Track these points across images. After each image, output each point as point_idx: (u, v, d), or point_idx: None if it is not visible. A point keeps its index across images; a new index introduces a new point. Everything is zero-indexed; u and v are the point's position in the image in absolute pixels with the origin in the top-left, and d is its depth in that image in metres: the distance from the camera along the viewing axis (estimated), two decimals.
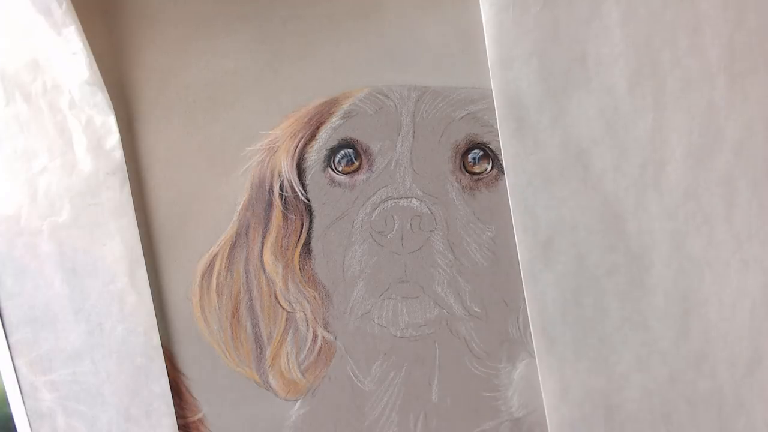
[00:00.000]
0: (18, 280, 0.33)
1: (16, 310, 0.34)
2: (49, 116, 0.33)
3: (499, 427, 0.39)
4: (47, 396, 0.34)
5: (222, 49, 0.35)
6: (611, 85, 0.38)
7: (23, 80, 0.32)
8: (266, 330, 0.37)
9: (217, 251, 0.36)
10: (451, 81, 0.38)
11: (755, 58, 0.39)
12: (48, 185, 0.33)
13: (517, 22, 0.37)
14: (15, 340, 0.34)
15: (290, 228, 0.37)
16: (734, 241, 0.40)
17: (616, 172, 0.38)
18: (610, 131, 0.38)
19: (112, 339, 0.34)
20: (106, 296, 0.34)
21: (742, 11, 0.39)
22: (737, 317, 0.40)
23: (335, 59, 0.37)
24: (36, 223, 0.33)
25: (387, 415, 0.39)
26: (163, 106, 0.35)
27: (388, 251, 0.37)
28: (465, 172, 0.38)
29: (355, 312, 0.38)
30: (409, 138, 0.38)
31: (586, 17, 0.37)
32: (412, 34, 0.37)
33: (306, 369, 0.38)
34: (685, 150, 0.39)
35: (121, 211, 0.34)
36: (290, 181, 0.37)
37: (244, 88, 0.36)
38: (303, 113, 0.37)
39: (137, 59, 0.34)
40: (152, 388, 0.35)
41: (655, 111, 0.39)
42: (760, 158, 0.40)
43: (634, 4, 0.38)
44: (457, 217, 0.38)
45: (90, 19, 0.33)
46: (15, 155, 0.33)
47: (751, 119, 0.39)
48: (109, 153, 0.33)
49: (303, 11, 0.36)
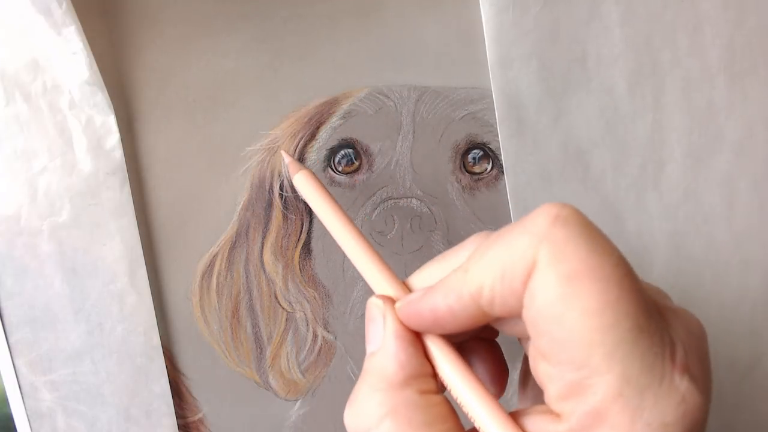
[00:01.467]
0: (18, 280, 0.33)
1: (16, 310, 0.33)
2: (49, 116, 0.33)
3: None
4: (47, 396, 0.34)
5: (222, 49, 0.35)
6: (611, 85, 0.38)
7: (23, 80, 0.32)
8: (266, 330, 0.37)
9: (217, 251, 0.36)
10: (451, 81, 0.38)
11: (755, 58, 0.39)
12: (48, 185, 0.33)
13: (517, 22, 0.37)
14: (15, 340, 0.34)
15: (290, 228, 0.37)
16: (734, 241, 0.40)
17: (616, 172, 0.38)
18: (610, 131, 0.38)
19: (112, 339, 0.34)
20: (106, 296, 0.34)
21: (742, 11, 0.39)
22: (737, 317, 0.40)
23: (335, 59, 0.37)
24: (36, 223, 0.33)
25: None
26: (163, 106, 0.35)
27: (389, 251, 0.37)
28: (465, 172, 0.38)
29: (355, 312, 0.38)
30: (409, 138, 0.38)
31: (586, 17, 0.37)
32: (412, 34, 0.37)
33: (306, 369, 0.38)
34: (685, 150, 0.39)
35: (121, 211, 0.34)
36: (290, 181, 0.37)
37: (244, 88, 0.36)
38: (303, 113, 0.37)
39: (137, 59, 0.34)
40: (152, 388, 0.35)
41: (655, 111, 0.39)
42: (760, 158, 0.40)
43: (634, 4, 0.38)
44: (457, 217, 0.38)
45: (90, 19, 0.33)
46: (15, 155, 0.33)
47: (751, 119, 0.39)
48: (109, 153, 0.33)
49: (303, 11, 0.36)
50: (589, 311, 0.18)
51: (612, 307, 0.18)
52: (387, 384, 0.22)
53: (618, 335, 0.18)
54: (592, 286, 0.19)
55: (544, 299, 0.19)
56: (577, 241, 0.19)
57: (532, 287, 0.19)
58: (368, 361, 0.23)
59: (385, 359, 0.22)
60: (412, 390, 0.22)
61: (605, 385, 0.18)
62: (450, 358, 0.23)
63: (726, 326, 0.39)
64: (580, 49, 0.37)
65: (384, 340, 0.23)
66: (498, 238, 0.20)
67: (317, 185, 0.31)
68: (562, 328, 0.19)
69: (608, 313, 0.18)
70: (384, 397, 0.22)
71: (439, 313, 0.22)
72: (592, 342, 0.18)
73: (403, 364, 0.22)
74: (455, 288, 0.21)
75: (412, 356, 0.22)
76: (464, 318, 0.21)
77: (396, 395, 0.22)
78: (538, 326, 0.19)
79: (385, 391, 0.22)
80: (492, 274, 0.20)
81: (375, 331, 0.23)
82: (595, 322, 0.18)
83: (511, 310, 0.20)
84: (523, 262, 0.19)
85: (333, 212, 0.29)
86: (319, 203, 0.30)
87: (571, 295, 0.19)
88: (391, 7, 0.37)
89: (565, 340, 0.19)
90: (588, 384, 0.19)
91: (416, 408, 0.21)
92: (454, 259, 0.23)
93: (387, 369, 0.22)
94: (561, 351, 0.19)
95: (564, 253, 0.19)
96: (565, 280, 0.19)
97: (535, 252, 0.19)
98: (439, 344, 0.23)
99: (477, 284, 0.20)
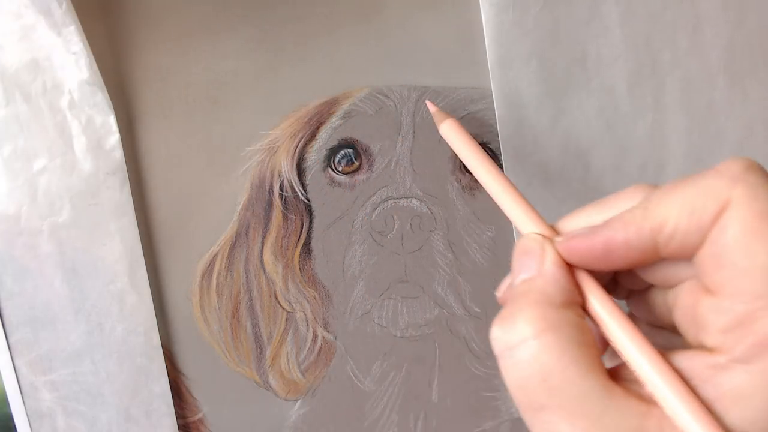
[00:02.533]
0: (18, 280, 0.33)
1: (16, 310, 0.34)
2: (49, 116, 0.33)
3: (499, 427, 0.39)
4: (47, 396, 0.34)
5: (222, 49, 0.35)
6: (611, 85, 0.38)
7: (23, 80, 0.32)
8: (266, 330, 0.37)
9: (217, 251, 0.36)
10: (451, 81, 0.38)
11: (755, 58, 0.39)
12: (48, 185, 0.33)
13: (517, 22, 0.37)
14: (15, 340, 0.34)
15: (290, 228, 0.37)
16: None
17: (616, 172, 0.38)
18: (610, 131, 0.38)
19: (112, 339, 0.34)
20: (106, 296, 0.34)
21: (742, 11, 0.39)
22: None
23: (335, 59, 0.37)
24: (36, 223, 0.33)
25: (387, 415, 0.39)
26: (163, 106, 0.35)
27: (388, 251, 0.37)
28: (465, 172, 0.38)
29: (355, 312, 0.38)
30: (409, 138, 0.38)
31: (586, 17, 0.37)
32: (412, 34, 0.37)
33: (306, 369, 0.38)
34: (685, 150, 0.39)
35: (121, 211, 0.34)
36: (290, 181, 0.37)
37: (244, 88, 0.36)
38: (303, 113, 0.37)
39: (137, 59, 0.34)
40: (152, 388, 0.35)
41: (655, 111, 0.39)
42: (760, 158, 0.40)
43: (634, 4, 0.38)
44: (457, 217, 0.38)
45: (90, 19, 0.33)
46: (15, 155, 0.33)
47: (751, 119, 0.39)
48: (109, 153, 0.33)
49: (303, 11, 0.36)
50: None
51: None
52: (547, 301, 0.22)
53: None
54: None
55: (736, 232, 0.20)
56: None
57: (724, 222, 0.20)
58: (522, 285, 0.24)
59: (543, 282, 0.23)
60: (571, 311, 0.22)
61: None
62: (602, 292, 0.23)
63: None
64: (580, 49, 0.37)
65: (544, 267, 0.23)
66: (685, 181, 0.22)
67: (463, 134, 0.32)
68: (748, 259, 0.20)
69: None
70: (545, 312, 0.22)
71: (613, 245, 0.22)
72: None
73: (564, 288, 0.23)
74: (635, 222, 0.22)
75: (571, 283, 0.23)
76: (636, 252, 0.22)
77: (556, 312, 0.22)
78: (721, 258, 0.20)
79: (545, 307, 0.22)
80: (679, 210, 0.21)
81: (529, 261, 0.24)
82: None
83: (686, 248, 0.21)
84: (716, 200, 0.21)
85: (479, 159, 0.30)
86: (465, 151, 0.31)
87: (763, 229, 0.20)
88: (392, 8, 0.37)
89: (750, 269, 0.20)
90: (760, 316, 0.20)
91: (576, 327, 0.22)
92: (607, 209, 0.24)
93: (548, 290, 0.23)
94: (741, 281, 0.20)
95: (758, 194, 0.20)
96: (759, 216, 0.20)
97: (730, 191, 0.20)
98: (592, 280, 0.24)
99: (660, 218, 0.21)
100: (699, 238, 0.21)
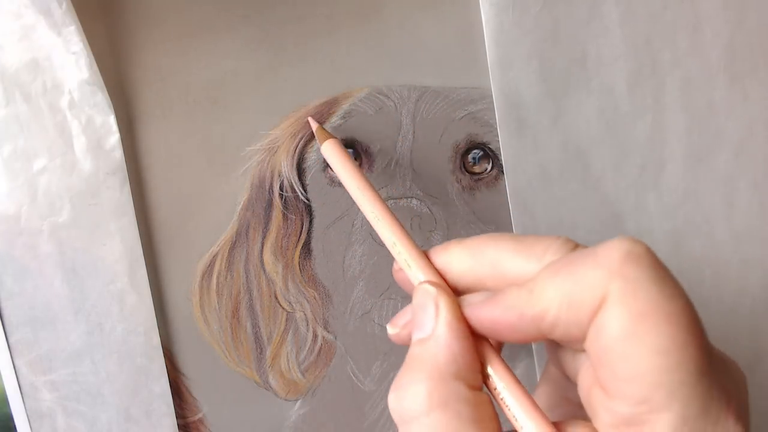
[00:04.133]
0: (18, 280, 0.33)
1: (16, 310, 0.33)
2: (49, 116, 0.33)
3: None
4: (47, 396, 0.34)
5: (222, 49, 0.35)
6: (611, 85, 0.38)
7: (23, 80, 0.32)
8: (266, 330, 0.37)
9: (217, 251, 0.36)
10: (451, 81, 0.38)
11: (755, 58, 0.39)
12: (48, 185, 0.33)
13: (517, 22, 0.37)
14: (15, 340, 0.34)
15: (290, 228, 0.37)
16: (734, 241, 0.40)
17: (615, 173, 0.38)
18: (610, 131, 0.38)
19: (112, 339, 0.34)
20: (106, 296, 0.34)
21: (742, 11, 0.39)
22: (737, 316, 0.40)
23: (335, 59, 0.37)
24: (36, 223, 0.33)
25: (387, 415, 0.39)
26: (163, 106, 0.35)
27: (388, 251, 0.37)
28: (465, 172, 0.38)
29: (355, 312, 0.38)
30: (409, 138, 0.38)
31: (586, 17, 0.37)
32: (412, 34, 0.37)
33: (306, 369, 0.38)
34: (685, 150, 0.39)
35: (121, 211, 0.34)
36: (290, 181, 0.37)
37: (244, 88, 0.36)
38: (303, 113, 0.37)
39: (137, 59, 0.34)
40: (152, 388, 0.35)
41: (655, 111, 0.39)
42: (760, 158, 0.40)
43: (634, 4, 0.38)
44: (457, 217, 0.38)
45: (90, 19, 0.33)
46: (15, 155, 0.33)
47: (751, 119, 0.40)
48: (109, 153, 0.33)
49: (303, 11, 0.36)
50: (657, 350, 0.19)
51: (679, 348, 0.19)
52: (438, 374, 0.21)
53: (681, 376, 0.19)
54: (661, 327, 0.19)
55: (613, 334, 0.19)
56: (648, 280, 0.20)
57: (601, 321, 0.20)
58: (417, 347, 0.23)
59: (436, 348, 0.22)
60: (462, 384, 0.22)
61: (663, 423, 0.19)
62: (500, 358, 0.23)
63: (726, 325, 0.39)
64: (580, 49, 0.37)
65: (436, 329, 0.22)
66: (569, 264, 0.21)
67: (344, 155, 0.31)
68: (627, 365, 0.19)
69: (674, 354, 0.19)
70: (434, 388, 0.21)
71: (498, 326, 0.22)
72: (656, 381, 0.19)
73: (456, 356, 0.22)
74: (518, 306, 0.21)
75: (465, 349, 0.22)
76: (521, 334, 0.22)
77: (446, 387, 0.21)
78: (601, 359, 0.20)
79: (435, 380, 0.21)
80: (559, 300, 0.20)
81: (425, 319, 0.23)
82: (661, 361, 0.19)
83: (571, 338, 0.21)
84: (592, 295, 0.20)
85: (358, 183, 0.29)
86: (344, 172, 0.31)
87: (640, 332, 0.19)
88: (391, 8, 0.37)
89: (629, 376, 0.19)
90: (645, 419, 0.19)
91: (466, 403, 0.21)
92: (510, 253, 0.23)
93: (438, 358, 0.22)
94: (622, 385, 0.19)
95: (635, 291, 0.19)
96: (635, 317, 0.19)
97: (606, 287, 0.20)
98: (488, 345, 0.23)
99: (541, 307, 0.21)
100: (580, 332, 0.20)
